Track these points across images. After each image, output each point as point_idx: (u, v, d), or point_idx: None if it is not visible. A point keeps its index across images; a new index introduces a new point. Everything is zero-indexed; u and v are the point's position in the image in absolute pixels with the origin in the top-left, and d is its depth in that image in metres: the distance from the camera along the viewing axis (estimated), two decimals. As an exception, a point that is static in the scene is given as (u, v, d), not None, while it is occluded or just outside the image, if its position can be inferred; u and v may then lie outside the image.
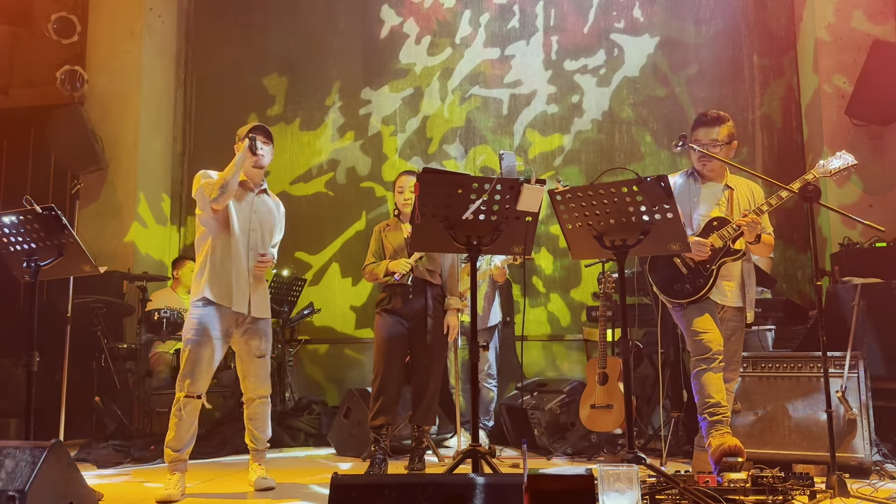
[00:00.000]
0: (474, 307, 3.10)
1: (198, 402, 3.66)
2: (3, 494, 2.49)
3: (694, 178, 3.76)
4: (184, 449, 3.63)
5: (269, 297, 3.95)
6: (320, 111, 6.93)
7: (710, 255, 3.57)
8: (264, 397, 3.86)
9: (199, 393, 3.66)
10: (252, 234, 3.82)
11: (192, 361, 3.63)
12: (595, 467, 2.42)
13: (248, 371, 3.81)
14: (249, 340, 3.78)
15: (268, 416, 3.89)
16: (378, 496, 2.16)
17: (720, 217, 3.63)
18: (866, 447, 3.74)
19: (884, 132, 5.48)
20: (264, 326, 3.85)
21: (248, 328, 3.78)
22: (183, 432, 3.61)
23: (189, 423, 3.63)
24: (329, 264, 6.70)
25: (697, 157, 3.68)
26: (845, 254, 4.96)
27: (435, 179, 2.99)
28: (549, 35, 6.57)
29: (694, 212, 3.69)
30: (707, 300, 3.60)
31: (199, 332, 3.65)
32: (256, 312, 3.79)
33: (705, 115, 3.71)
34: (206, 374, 3.67)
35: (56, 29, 6.45)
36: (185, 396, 3.61)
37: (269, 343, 3.90)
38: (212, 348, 3.67)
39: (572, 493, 2.12)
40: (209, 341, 3.66)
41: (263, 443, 3.88)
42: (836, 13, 5.65)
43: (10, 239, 3.28)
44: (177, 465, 3.62)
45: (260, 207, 3.90)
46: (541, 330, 6.24)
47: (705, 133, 3.66)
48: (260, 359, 3.81)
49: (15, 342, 5.74)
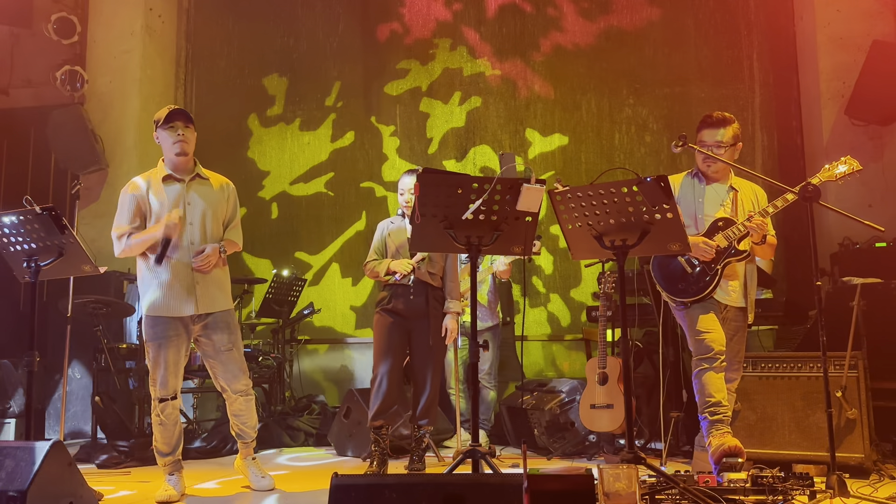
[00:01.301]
0: (474, 307, 3.10)
1: (175, 403, 3.60)
2: (3, 494, 2.49)
3: (698, 179, 3.76)
4: (174, 451, 3.61)
5: (226, 285, 3.72)
6: (320, 111, 6.92)
7: (714, 255, 3.57)
8: (244, 391, 3.72)
9: (173, 394, 3.58)
10: (190, 227, 3.60)
11: (154, 365, 3.57)
12: (595, 466, 2.42)
13: (218, 368, 3.68)
14: (212, 335, 3.64)
15: (252, 408, 3.78)
16: (378, 496, 2.16)
17: (725, 218, 3.63)
18: (866, 447, 3.74)
19: (884, 132, 5.48)
20: (225, 318, 3.66)
21: (207, 323, 3.63)
22: (168, 435, 3.59)
23: (172, 425, 3.59)
24: (329, 264, 6.70)
25: (702, 158, 3.69)
26: (845, 254, 4.96)
27: (435, 179, 2.99)
28: (549, 35, 6.57)
29: (698, 212, 3.70)
30: (710, 299, 3.61)
31: (155, 335, 3.57)
32: (205, 308, 3.60)
33: (711, 117, 3.69)
34: (173, 374, 3.58)
35: (56, 29, 6.45)
36: (160, 400, 3.57)
37: (234, 334, 3.69)
38: (173, 349, 3.57)
39: (572, 493, 2.12)
40: (166, 343, 3.56)
41: (251, 435, 3.80)
42: (836, 13, 5.65)
43: (10, 239, 3.28)
44: (172, 466, 3.61)
45: (193, 198, 3.65)
46: (541, 330, 6.25)
47: (710, 134, 3.66)
48: (228, 352, 3.66)
49: (15, 342, 5.76)
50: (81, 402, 5.68)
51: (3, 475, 2.55)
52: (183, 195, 3.64)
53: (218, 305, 3.65)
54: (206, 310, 3.61)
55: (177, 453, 3.63)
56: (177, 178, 3.67)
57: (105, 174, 6.55)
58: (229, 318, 3.70)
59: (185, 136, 3.60)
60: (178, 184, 3.66)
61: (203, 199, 3.67)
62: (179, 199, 3.63)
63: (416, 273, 4.21)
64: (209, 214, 3.67)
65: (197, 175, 3.71)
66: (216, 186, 3.75)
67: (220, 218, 3.72)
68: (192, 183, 3.69)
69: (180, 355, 3.62)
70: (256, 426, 3.84)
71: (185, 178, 3.67)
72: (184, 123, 3.60)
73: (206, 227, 3.65)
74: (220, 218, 3.73)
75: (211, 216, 3.67)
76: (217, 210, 3.71)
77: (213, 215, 3.68)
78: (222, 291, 3.70)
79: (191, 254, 3.58)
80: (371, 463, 4.15)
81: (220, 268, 3.69)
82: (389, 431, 4.27)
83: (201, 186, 3.70)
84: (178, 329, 3.59)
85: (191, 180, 3.68)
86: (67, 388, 4.89)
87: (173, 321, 3.58)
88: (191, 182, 3.68)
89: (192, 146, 3.66)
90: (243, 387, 3.72)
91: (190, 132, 3.64)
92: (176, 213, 3.52)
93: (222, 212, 3.74)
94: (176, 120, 3.59)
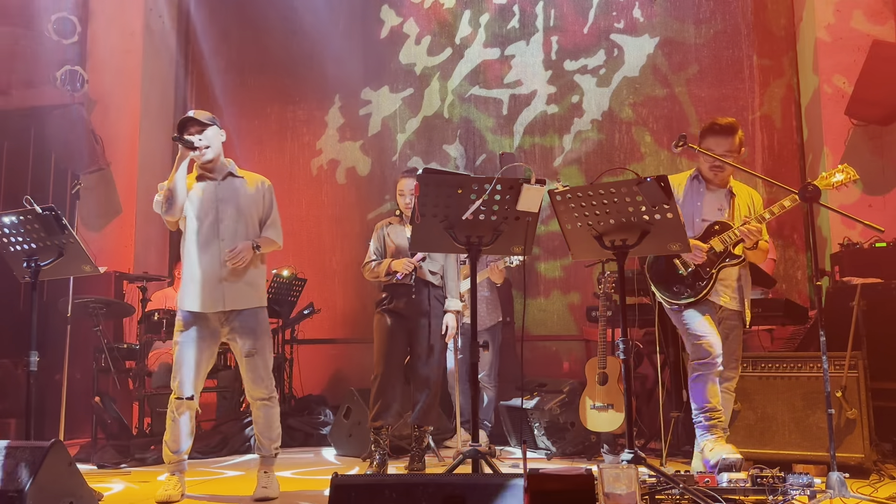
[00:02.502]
0: (474, 307, 3.10)
1: (191, 404, 3.57)
2: (4, 494, 2.49)
3: (699, 181, 3.76)
4: (181, 450, 3.59)
5: (258, 283, 3.69)
6: (320, 111, 6.93)
7: (707, 258, 3.58)
8: (263, 399, 3.63)
9: (190, 395, 3.56)
10: (220, 224, 3.62)
11: (177, 363, 3.57)
12: (595, 466, 2.42)
13: (241, 371, 3.66)
14: (237, 338, 3.61)
15: (270, 418, 3.65)
16: (378, 496, 2.16)
17: (722, 222, 3.64)
18: (866, 447, 3.74)
19: (884, 132, 5.48)
20: (250, 322, 3.61)
21: (233, 326, 3.60)
22: (177, 433, 3.57)
23: (184, 425, 3.57)
24: (329, 264, 6.70)
25: (708, 165, 3.66)
26: (845, 254, 4.96)
27: (435, 179, 2.99)
28: (549, 35, 6.57)
29: (696, 216, 3.70)
30: (706, 301, 3.62)
31: (182, 333, 3.59)
32: (232, 304, 3.57)
33: (718, 125, 3.64)
34: (193, 375, 3.56)
35: (56, 29, 6.45)
36: (175, 398, 3.56)
37: (261, 339, 3.63)
38: (196, 349, 3.57)
39: (572, 493, 2.12)
40: (191, 343, 3.57)
41: (268, 449, 3.65)
42: (835, 13, 5.65)
43: (10, 239, 3.28)
44: (176, 465, 3.60)
45: (224, 194, 3.66)
46: (541, 330, 6.24)
47: (720, 143, 3.62)
48: (249, 358, 3.59)
49: (15, 342, 5.76)
50: (81, 402, 5.68)
51: (3, 475, 2.55)
52: (215, 193, 3.66)
53: (246, 302, 3.62)
54: (233, 306, 3.59)
55: (182, 453, 3.60)
56: (209, 177, 3.69)
57: (105, 174, 6.55)
58: (256, 321, 3.65)
59: (201, 140, 3.61)
60: (210, 182, 3.68)
61: (236, 197, 3.68)
62: (212, 193, 3.65)
63: (417, 272, 4.21)
64: (242, 212, 3.67)
65: (230, 174, 3.72)
66: (251, 185, 3.75)
67: (254, 216, 3.71)
68: (225, 182, 3.70)
69: (203, 356, 3.60)
70: (276, 439, 3.67)
71: (217, 178, 3.69)
72: (198, 128, 3.62)
73: (237, 223, 3.65)
74: (255, 216, 3.72)
75: (244, 214, 3.67)
76: (251, 208, 3.70)
77: (246, 213, 3.68)
78: (253, 289, 3.66)
79: (222, 251, 3.59)
80: (371, 463, 4.15)
81: (254, 266, 3.67)
82: (389, 431, 4.27)
83: (234, 185, 3.71)
84: (204, 330, 3.60)
85: (223, 179, 3.70)
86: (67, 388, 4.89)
87: (201, 320, 3.59)
88: (223, 181, 3.70)
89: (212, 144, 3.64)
90: (262, 394, 3.63)
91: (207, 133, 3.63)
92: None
93: (257, 210, 3.73)
94: (190, 127, 3.61)
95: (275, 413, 3.68)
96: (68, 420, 4.31)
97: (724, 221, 3.64)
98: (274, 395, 3.68)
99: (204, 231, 3.62)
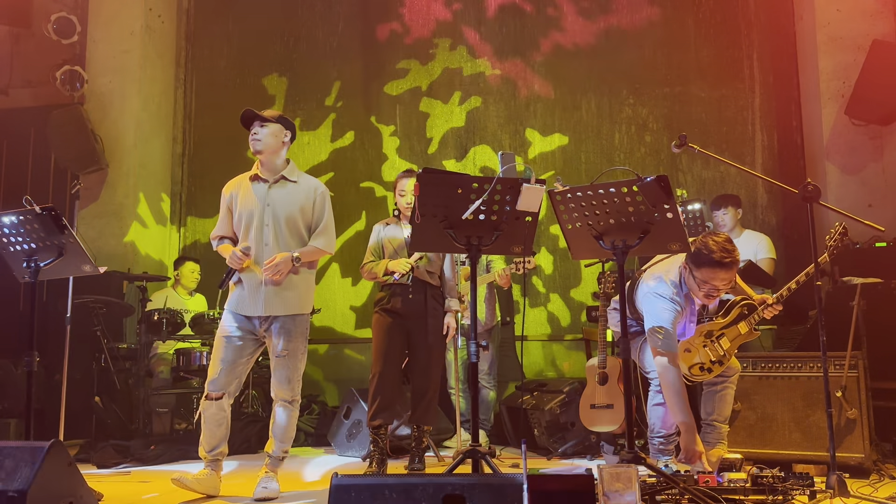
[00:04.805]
0: (474, 307, 3.10)
1: (220, 404, 3.56)
2: (3, 494, 2.49)
3: (687, 296, 3.50)
4: (214, 449, 3.58)
5: (301, 289, 3.65)
6: (320, 111, 6.92)
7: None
8: (284, 400, 3.62)
9: (221, 393, 3.56)
10: (265, 229, 3.61)
11: (212, 361, 3.61)
12: (595, 466, 2.42)
13: (271, 370, 3.66)
14: (272, 337, 3.62)
15: (286, 421, 3.63)
16: (378, 496, 2.16)
17: (749, 303, 3.65)
18: (866, 447, 3.74)
19: (884, 132, 5.49)
20: (287, 324, 3.61)
21: (271, 326, 3.62)
22: (209, 434, 3.57)
23: (216, 425, 3.56)
24: (329, 264, 6.70)
25: (703, 293, 3.40)
26: (845, 254, 4.95)
27: (435, 179, 2.99)
28: (549, 35, 6.57)
29: (688, 328, 3.58)
30: None
31: (221, 329, 3.64)
32: (270, 310, 3.58)
33: (720, 262, 3.29)
34: (225, 373, 3.57)
35: (56, 29, 6.44)
36: (205, 398, 3.57)
37: (294, 342, 3.61)
38: (231, 348, 3.59)
39: (572, 493, 2.12)
40: (229, 342, 3.60)
41: (277, 450, 3.63)
42: (836, 13, 5.65)
43: (10, 239, 3.28)
44: (211, 464, 3.59)
45: (273, 198, 3.64)
46: (541, 330, 6.25)
47: (721, 278, 3.34)
48: (279, 359, 3.61)
49: (15, 342, 5.76)
50: (81, 402, 5.68)
51: (3, 475, 2.55)
52: (265, 196, 3.64)
53: (285, 309, 3.61)
54: (271, 312, 3.59)
55: (215, 452, 3.58)
56: (262, 179, 3.67)
57: (105, 174, 6.55)
58: (294, 324, 3.63)
59: (257, 133, 3.60)
60: (263, 184, 3.66)
61: (285, 202, 3.64)
62: (261, 198, 3.63)
63: (415, 272, 4.21)
64: (290, 217, 3.63)
65: (283, 177, 3.68)
66: (303, 190, 3.69)
67: (301, 222, 3.67)
68: (276, 185, 3.66)
69: (239, 356, 3.61)
70: (287, 442, 3.65)
71: (269, 179, 3.66)
72: (259, 123, 3.61)
73: (282, 230, 3.61)
74: (303, 222, 3.67)
75: (291, 220, 3.63)
76: (299, 214, 3.65)
77: (293, 219, 3.64)
78: (295, 294, 3.64)
79: (264, 256, 3.59)
80: (371, 463, 4.15)
81: (295, 274, 3.64)
82: (388, 431, 4.27)
83: (286, 188, 3.67)
84: (245, 330, 3.62)
85: (275, 182, 3.67)
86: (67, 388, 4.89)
87: (242, 321, 3.62)
88: (274, 184, 3.66)
89: (266, 143, 3.61)
90: (285, 396, 3.63)
91: (266, 129, 3.61)
92: (241, 248, 3.58)
93: (306, 216, 3.68)
94: (252, 121, 3.64)
95: (292, 417, 3.67)
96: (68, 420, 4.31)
97: (750, 302, 3.63)
98: (297, 399, 3.67)
99: (250, 234, 3.63)
